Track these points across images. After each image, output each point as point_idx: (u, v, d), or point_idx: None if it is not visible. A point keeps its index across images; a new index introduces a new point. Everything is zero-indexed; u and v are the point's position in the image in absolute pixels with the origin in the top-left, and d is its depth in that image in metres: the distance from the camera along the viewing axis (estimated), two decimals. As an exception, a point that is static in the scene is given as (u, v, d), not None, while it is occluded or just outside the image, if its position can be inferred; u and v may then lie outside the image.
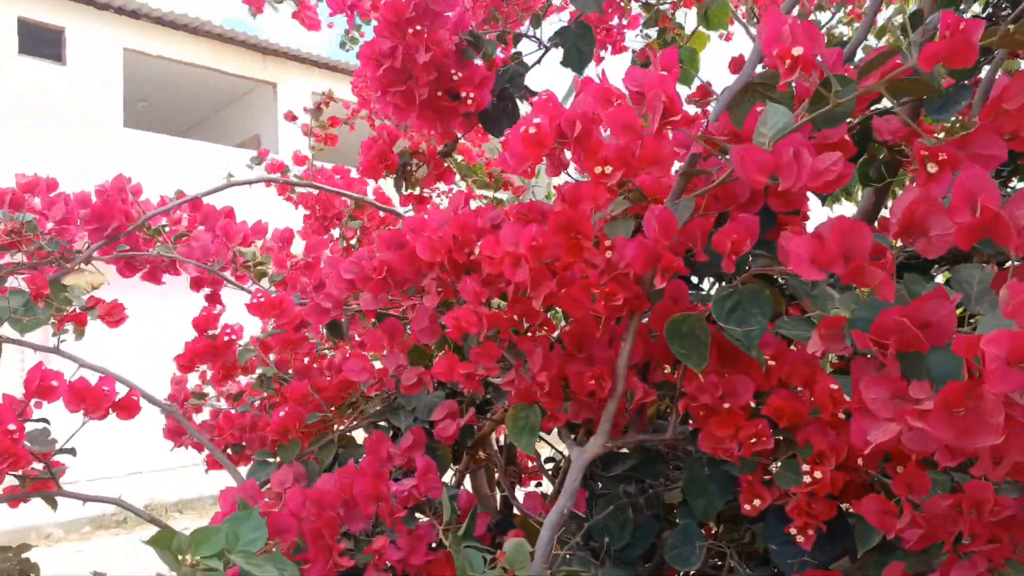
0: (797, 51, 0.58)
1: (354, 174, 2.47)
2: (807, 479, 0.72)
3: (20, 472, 1.01)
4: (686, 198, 0.74)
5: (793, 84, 0.78)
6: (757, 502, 0.78)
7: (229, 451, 1.38)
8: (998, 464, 0.57)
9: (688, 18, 2.05)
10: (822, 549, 0.80)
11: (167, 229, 1.36)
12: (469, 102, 1.04)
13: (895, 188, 1.63)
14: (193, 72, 9.64)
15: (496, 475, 1.48)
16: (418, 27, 0.97)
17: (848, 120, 0.98)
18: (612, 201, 0.78)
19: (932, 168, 0.57)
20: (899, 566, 0.68)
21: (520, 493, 1.53)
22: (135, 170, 8.01)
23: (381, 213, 2.31)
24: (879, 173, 1.26)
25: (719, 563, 0.94)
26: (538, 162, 0.82)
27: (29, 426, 1.00)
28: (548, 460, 1.63)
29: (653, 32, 1.83)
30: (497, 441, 1.57)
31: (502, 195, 2.11)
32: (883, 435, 0.56)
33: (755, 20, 2.29)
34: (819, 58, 0.67)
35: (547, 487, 1.53)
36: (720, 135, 0.75)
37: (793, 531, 0.75)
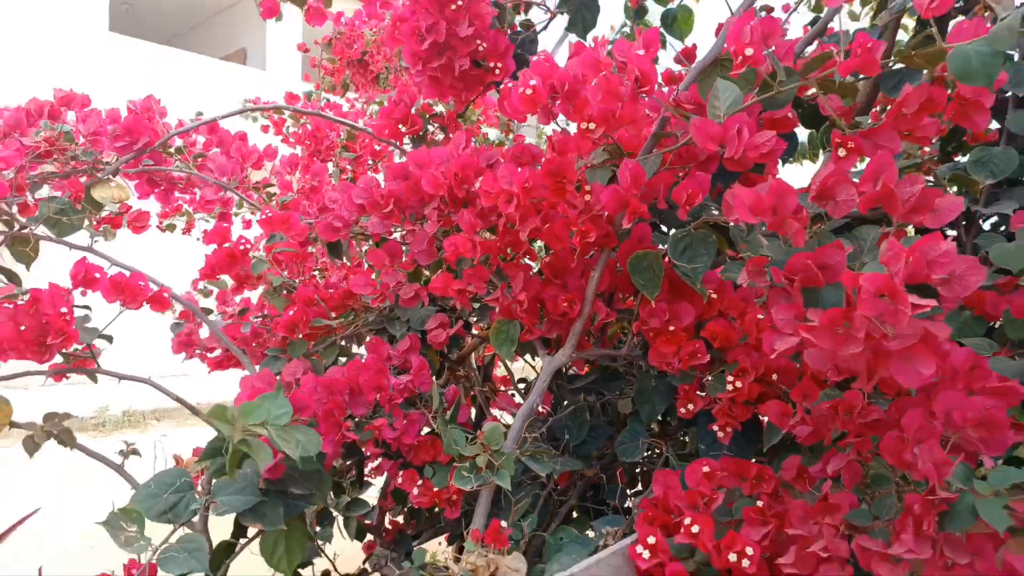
0: (748, 52, 0.73)
1: (345, 108, 2.56)
2: (730, 388, 0.91)
3: (65, 351, 1.16)
4: (654, 154, 0.89)
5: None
6: (691, 407, 0.97)
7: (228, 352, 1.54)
8: (870, 380, 0.76)
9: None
10: (739, 447, 1.00)
11: (185, 150, 1.48)
12: (497, 71, 1.16)
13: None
14: (179, -22, 9.36)
15: (473, 392, 1.67)
16: (459, 2, 1.08)
17: (801, 98, 1.14)
18: (593, 152, 0.93)
19: (842, 152, 0.74)
20: (796, 459, 0.87)
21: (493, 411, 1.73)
22: (119, 76, 7.85)
23: (376, 146, 2.42)
24: (822, 139, 1.42)
25: (656, 455, 1.13)
26: (533, 114, 0.97)
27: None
28: (520, 380, 1.82)
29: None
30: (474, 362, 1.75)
31: (501, 136, 2.23)
32: (784, 345, 0.73)
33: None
34: (772, 50, 0.81)
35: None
36: (688, 103, 0.90)
37: (715, 429, 0.94)
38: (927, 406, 0.78)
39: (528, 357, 1.52)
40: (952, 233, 1.42)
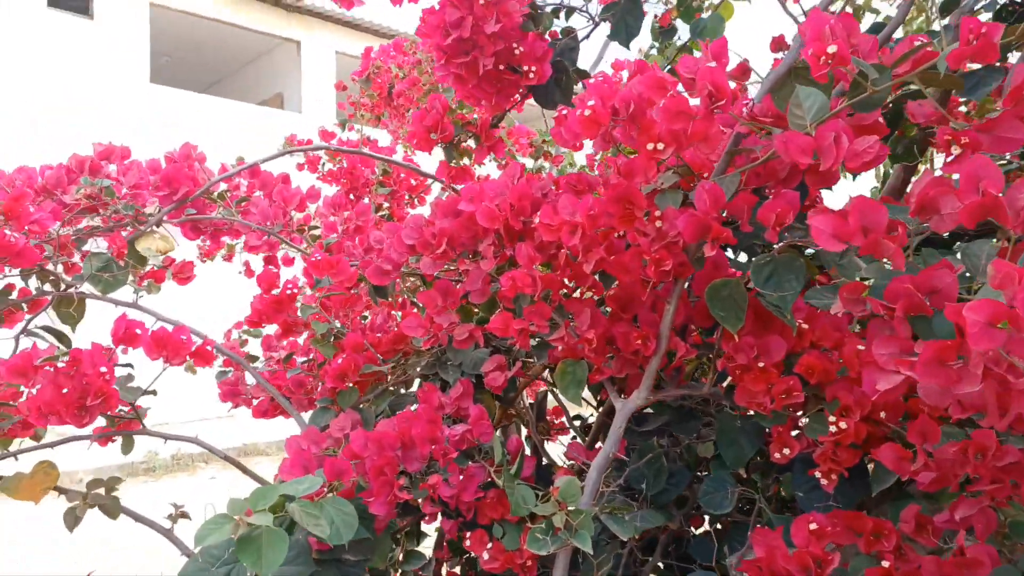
0: (831, 49, 0.65)
1: (382, 144, 2.54)
2: (834, 429, 0.81)
3: (108, 413, 1.12)
4: (731, 174, 0.81)
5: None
6: (786, 451, 0.87)
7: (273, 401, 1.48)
8: (1004, 416, 0.65)
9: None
10: (844, 494, 0.89)
11: (228, 194, 1.44)
12: (531, 75, 1.10)
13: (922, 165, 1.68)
14: (216, 28, 9.65)
15: (525, 430, 1.59)
16: None
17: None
18: (661, 175, 0.85)
19: (956, 150, 0.64)
20: (915, 508, 0.77)
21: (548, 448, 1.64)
22: (160, 125, 8.09)
23: (412, 181, 2.38)
24: (908, 150, 1.32)
25: (747, 508, 1.02)
26: (593, 138, 0.89)
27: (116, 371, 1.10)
28: (575, 417, 1.73)
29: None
30: (526, 399, 1.67)
31: (537, 163, 2.18)
32: (887, 384, 0.63)
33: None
34: (855, 50, 0.73)
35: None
36: (763, 116, 0.81)
37: (818, 475, 0.83)
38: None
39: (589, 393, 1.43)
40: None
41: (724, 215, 0.81)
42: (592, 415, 1.77)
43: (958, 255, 0.69)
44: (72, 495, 1.06)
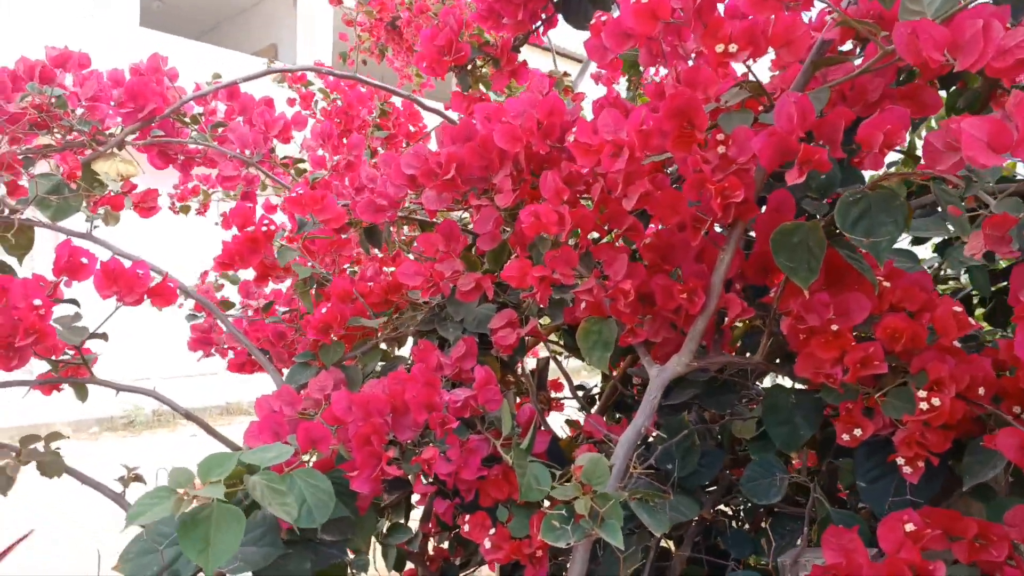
0: None
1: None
2: (924, 407, 0.66)
3: (53, 358, 0.95)
4: (820, 87, 0.64)
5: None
6: (857, 432, 0.72)
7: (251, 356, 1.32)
8: None
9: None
10: (916, 488, 0.74)
11: (203, 119, 1.26)
12: None
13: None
14: (210, -27, 9.28)
15: (526, 399, 1.43)
16: None
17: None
18: (728, 91, 0.69)
19: None
20: (1023, 508, 0.62)
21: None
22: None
23: (411, 127, 2.20)
24: (970, 103, 1.15)
25: (797, 499, 0.88)
26: (642, 43, 0.73)
27: (60, 309, 0.94)
28: (578, 387, 1.58)
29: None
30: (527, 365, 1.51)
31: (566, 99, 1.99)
32: None
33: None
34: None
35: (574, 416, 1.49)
36: (866, 17, 0.65)
37: (900, 461, 0.69)
38: None
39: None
40: None
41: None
42: (596, 385, 1.62)
43: None
44: (2, 452, 0.90)
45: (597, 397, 1.53)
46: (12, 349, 0.77)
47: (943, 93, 1.41)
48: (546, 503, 0.81)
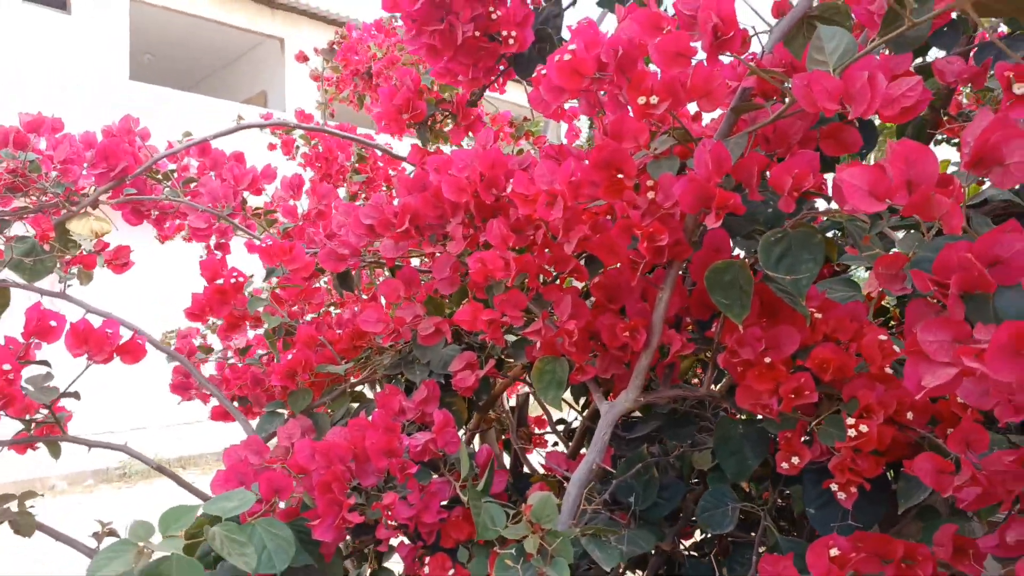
0: None
1: (361, 131, 2.41)
2: (853, 433, 0.68)
3: (27, 417, 0.98)
4: (739, 134, 0.68)
5: (852, 15, 0.73)
6: (795, 460, 0.74)
7: (236, 404, 1.34)
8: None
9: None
10: (862, 512, 0.77)
11: (175, 175, 1.30)
12: (511, 42, 0.97)
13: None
14: (199, 25, 9.46)
15: (506, 435, 1.45)
16: None
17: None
18: (658, 139, 0.73)
19: (1019, 88, 0.52)
20: (950, 529, 0.64)
21: (529, 456, 1.51)
22: (141, 124, 7.90)
23: (391, 172, 2.25)
24: (917, 130, 1.19)
25: (748, 525, 0.90)
26: (574, 94, 0.77)
27: (30, 370, 0.96)
28: (559, 422, 1.60)
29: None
30: (507, 402, 1.54)
31: (523, 147, 2.05)
32: (939, 379, 0.51)
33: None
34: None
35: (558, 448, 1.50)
36: (777, 67, 0.69)
37: (834, 487, 0.71)
38: None
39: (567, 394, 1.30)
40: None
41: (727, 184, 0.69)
42: (577, 419, 1.64)
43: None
44: (-25, 512, 0.92)
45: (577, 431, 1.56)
46: (-20, 411, 0.80)
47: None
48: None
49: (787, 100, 0.67)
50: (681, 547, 0.97)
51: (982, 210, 0.84)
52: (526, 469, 1.41)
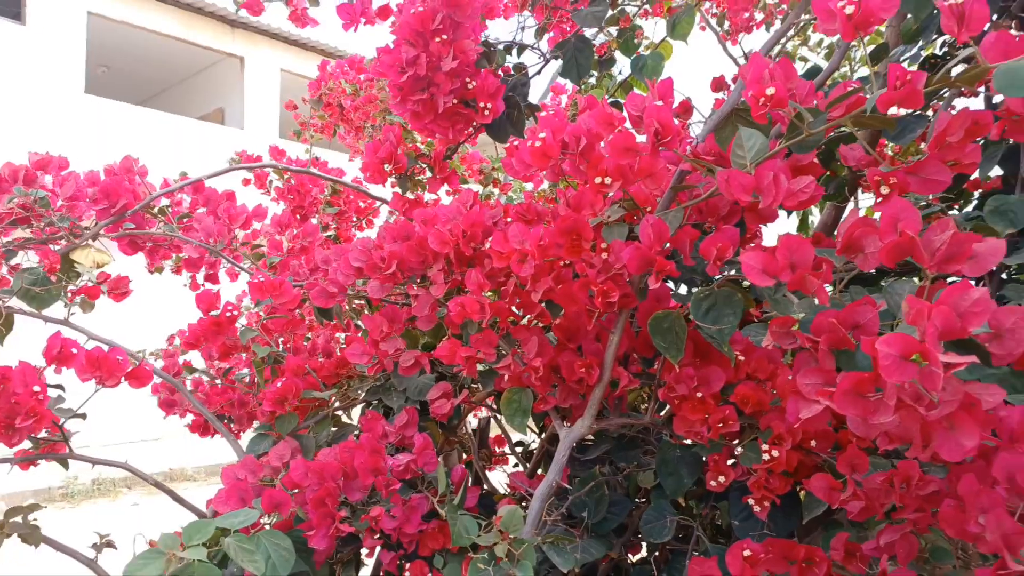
0: (770, 91, 0.68)
1: (332, 165, 2.53)
2: (766, 457, 0.83)
3: (33, 435, 1.07)
4: (675, 209, 0.84)
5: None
6: (721, 479, 0.89)
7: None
8: (926, 448, 0.69)
9: (658, 27, 2.16)
10: (777, 523, 0.92)
11: (169, 210, 1.40)
12: (486, 112, 1.11)
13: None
14: (158, 40, 9.42)
15: (469, 457, 1.58)
16: (444, 36, 1.03)
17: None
18: (608, 208, 0.88)
19: (884, 190, 0.68)
20: (843, 536, 0.80)
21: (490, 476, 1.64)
22: (95, 137, 7.81)
23: (361, 203, 2.37)
24: (839, 190, 1.38)
25: (687, 537, 1.04)
26: (544, 170, 0.91)
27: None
28: (518, 444, 1.73)
29: (614, 30, 1.88)
30: (469, 425, 1.67)
31: (486, 190, 2.20)
32: (809, 412, 0.66)
33: (727, 30, 2.41)
34: (793, 93, 0.77)
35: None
36: (706, 155, 0.85)
37: (751, 502, 0.86)
38: (987, 471, 0.72)
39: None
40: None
41: (668, 248, 0.84)
42: (534, 441, 1.78)
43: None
44: (-12, 523, 1.00)
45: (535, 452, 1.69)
46: (13, 429, 0.89)
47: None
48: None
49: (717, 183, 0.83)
50: (628, 558, 1.11)
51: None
52: (486, 487, 1.54)
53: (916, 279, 0.86)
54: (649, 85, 0.83)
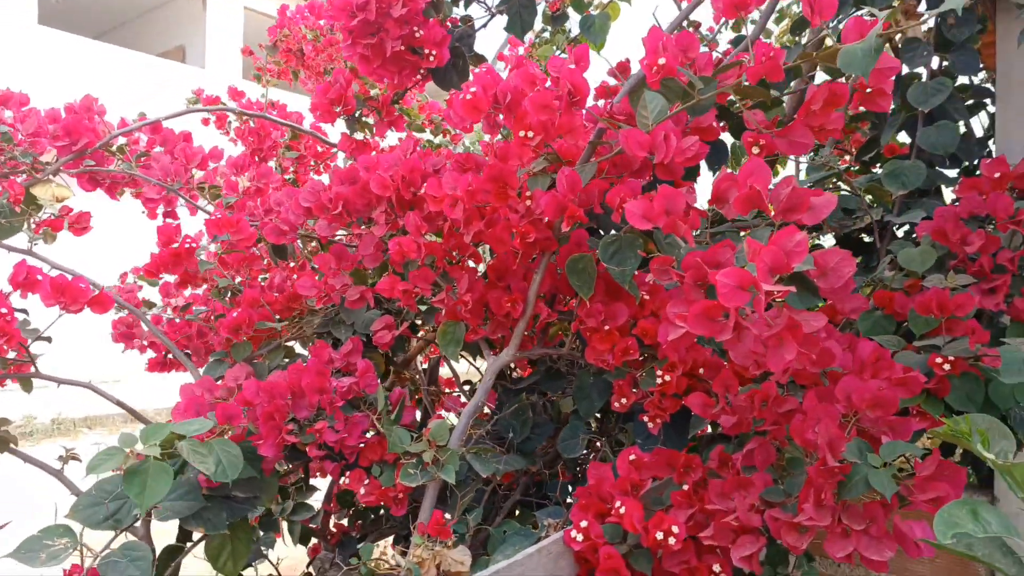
0: (661, 61, 0.79)
1: (291, 108, 2.57)
2: (660, 381, 0.96)
3: (0, 356, 1.15)
4: (591, 163, 0.94)
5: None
6: (624, 401, 1.02)
7: (170, 355, 1.54)
8: (785, 372, 0.82)
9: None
10: (671, 440, 1.06)
11: (127, 148, 1.46)
12: (431, 58, 1.19)
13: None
14: (114, -29, 9.07)
15: (419, 394, 1.70)
16: None
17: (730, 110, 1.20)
18: (534, 160, 0.98)
19: (756, 150, 0.80)
20: (719, 448, 0.94)
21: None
22: (50, 71, 7.54)
23: (319, 148, 2.43)
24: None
25: (597, 451, 1.18)
26: (476, 122, 1.01)
27: (10, 316, 1.13)
28: (466, 383, 1.86)
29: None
30: (420, 365, 1.78)
31: (438, 140, 2.27)
32: (674, 335, 0.77)
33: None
34: (690, 64, 0.88)
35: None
36: (622, 115, 0.95)
37: (646, 420, 0.99)
38: (830, 393, 0.85)
39: (474, 360, 1.55)
40: (869, 239, 1.53)
41: (584, 198, 0.95)
42: (480, 381, 1.91)
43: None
44: (-39, 431, 1.09)
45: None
46: (-18, 347, 0.97)
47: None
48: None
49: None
50: (547, 473, 1.25)
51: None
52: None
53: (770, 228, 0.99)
54: (568, 49, 0.93)
